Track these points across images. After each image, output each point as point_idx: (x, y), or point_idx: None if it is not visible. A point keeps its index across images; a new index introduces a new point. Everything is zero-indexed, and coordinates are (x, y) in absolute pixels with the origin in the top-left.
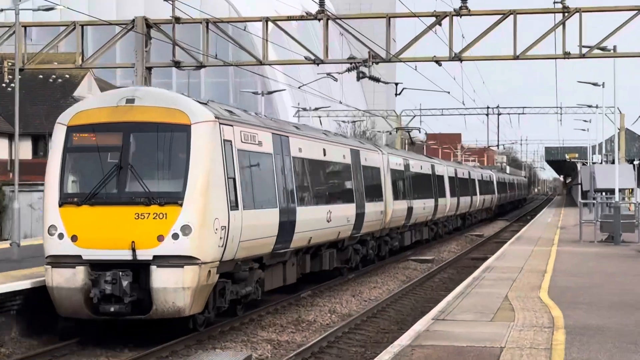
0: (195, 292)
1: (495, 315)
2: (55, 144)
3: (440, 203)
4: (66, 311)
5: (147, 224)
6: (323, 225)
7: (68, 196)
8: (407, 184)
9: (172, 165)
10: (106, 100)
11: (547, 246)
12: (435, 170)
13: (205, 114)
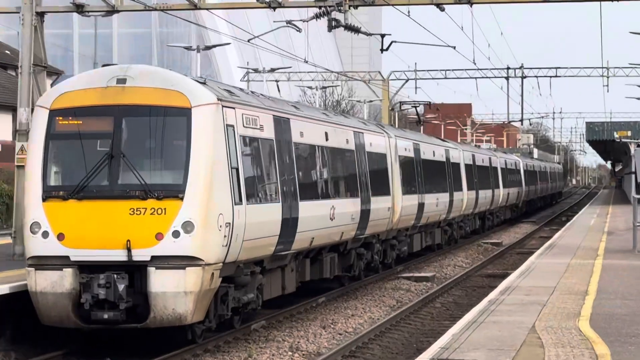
0: (197, 297)
1: (518, 353)
2: (35, 130)
3: (456, 198)
4: (51, 319)
5: (143, 220)
6: (326, 223)
7: (52, 189)
8: (417, 174)
9: (171, 154)
10: (94, 81)
11: (589, 258)
12: (450, 156)
13: (207, 96)
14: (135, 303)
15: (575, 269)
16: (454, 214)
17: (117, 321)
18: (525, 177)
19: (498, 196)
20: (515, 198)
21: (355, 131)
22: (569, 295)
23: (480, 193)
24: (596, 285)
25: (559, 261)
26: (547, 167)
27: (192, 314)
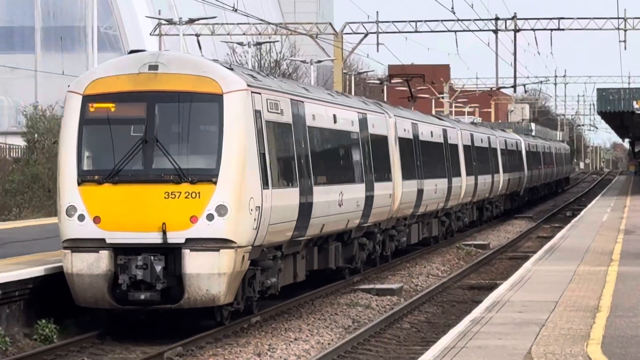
0: (230, 278)
1: None
2: (69, 115)
3: (454, 184)
4: (86, 300)
5: (178, 203)
6: (335, 210)
7: (87, 173)
8: (416, 158)
9: (204, 139)
10: (125, 67)
11: (601, 265)
12: (448, 137)
13: (238, 82)
14: (169, 285)
15: (584, 278)
16: (452, 203)
17: (153, 302)
18: (527, 159)
19: (498, 182)
20: (516, 185)
21: (359, 112)
22: (575, 312)
23: (479, 179)
24: (610, 299)
25: (562, 268)
26: (552, 147)
27: (225, 295)
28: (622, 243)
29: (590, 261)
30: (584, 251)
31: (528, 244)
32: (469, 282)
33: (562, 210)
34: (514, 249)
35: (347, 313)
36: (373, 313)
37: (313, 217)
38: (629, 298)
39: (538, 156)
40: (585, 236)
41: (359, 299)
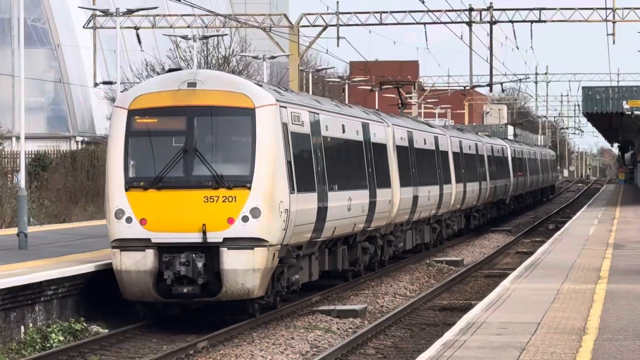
0: (263, 274)
1: None
2: (115, 128)
3: (445, 192)
4: (134, 295)
5: (216, 207)
6: (345, 214)
7: (133, 180)
8: (412, 165)
9: (238, 149)
10: (166, 84)
11: (588, 282)
12: (439, 144)
13: (268, 98)
14: (208, 279)
15: (568, 297)
16: (442, 210)
17: (194, 295)
18: (513, 166)
19: (485, 190)
20: (502, 192)
21: (363, 122)
22: (560, 334)
23: (468, 186)
24: (598, 320)
25: (544, 286)
26: (538, 153)
27: (258, 289)
28: (611, 258)
29: (576, 278)
30: (568, 267)
31: (506, 260)
32: (441, 302)
33: (544, 223)
34: (491, 265)
35: (304, 337)
36: (334, 337)
37: (327, 221)
38: (618, 319)
39: (524, 163)
40: (570, 251)
41: (317, 322)
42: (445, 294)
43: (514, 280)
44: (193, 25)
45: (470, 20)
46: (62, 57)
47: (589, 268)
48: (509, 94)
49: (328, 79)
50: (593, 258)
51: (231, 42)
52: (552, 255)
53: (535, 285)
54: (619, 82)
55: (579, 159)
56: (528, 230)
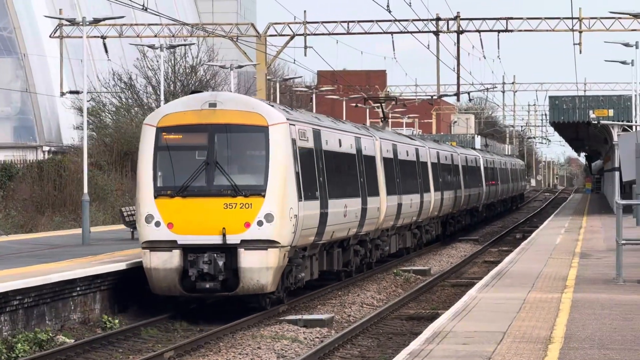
0: (275, 271)
1: None
2: (145, 143)
3: (425, 199)
4: (161, 290)
5: (235, 213)
6: (341, 219)
7: (161, 189)
8: (396, 175)
9: (254, 162)
10: (190, 105)
11: (555, 292)
12: (420, 155)
13: (279, 116)
14: (227, 277)
15: (535, 306)
16: (423, 216)
17: (215, 290)
18: (485, 175)
19: (460, 198)
20: (475, 200)
21: (356, 136)
22: (526, 343)
23: (445, 194)
24: (564, 330)
25: (511, 295)
26: (508, 163)
27: (271, 285)
28: (578, 268)
29: (542, 288)
30: (535, 277)
31: (473, 270)
32: (408, 311)
33: (511, 232)
34: (458, 275)
35: (271, 347)
36: (300, 347)
37: (328, 225)
38: (584, 328)
39: (495, 172)
40: (537, 260)
41: (284, 331)
42: (412, 303)
43: (481, 289)
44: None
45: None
46: (29, 66)
47: (556, 277)
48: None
49: (295, 88)
50: (559, 267)
51: (198, 52)
52: (518, 265)
53: (502, 294)
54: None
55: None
56: (495, 239)
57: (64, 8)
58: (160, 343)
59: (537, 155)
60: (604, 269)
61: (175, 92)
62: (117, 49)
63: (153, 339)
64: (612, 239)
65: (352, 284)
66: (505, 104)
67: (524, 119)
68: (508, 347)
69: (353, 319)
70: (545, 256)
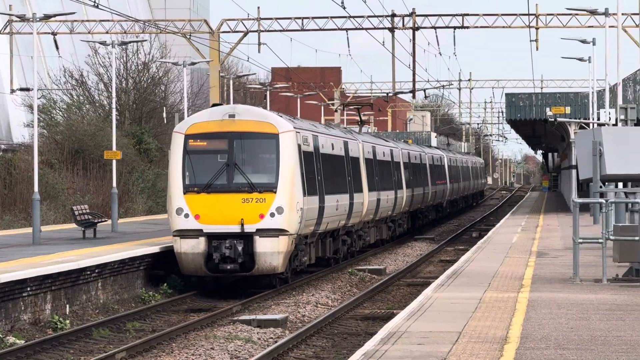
0: (285, 255)
1: None
2: (175, 148)
3: (399, 195)
4: (189, 271)
5: (251, 206)
6: (334, 213)
7: (190, 186)
8: (375, 174)
9: (266, 164)
10: (213, 115)
11: (511, 291)
12: (394, 156)
13: (288, 126)
14: (245, 260)
15: (491, 306)
16: (397, 211)
17: (235, 270)
18: (449, 173)
19: (427, 194)
20: (441, 196)
21: (344, 140)
22: (481, 343)
23: (415, 191)
24: (520, 329)
25: (466, 295)
26: (469, 161)
27: (282, 266)
28: (534, 267)
29: (499, 287)
30: (491, 276)
31: (429, 269)
32: (363, 311)
33: (468, 231)
34: (414, 274)
35: (224, 347)
36: (254, 347)
37: (324, 217)
38: (540, 328)
39: (458, 170)
40: (493, 259)
41: (238, 332)
42: (368, 303)
43: (436, 289)
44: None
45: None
46: None
47: (512, 276)
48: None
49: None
50: (516, 266)
51: (151, 48)
52: (475, 264)
53: (458, 294)
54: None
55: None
56: (451, 238)
57: (14, 4)
58: (111, 344)
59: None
60: (560, 268)
61: (127, 89)
62: (68, 46)
63: (104, 340)
64: (569, 238)
65: (307, 283)
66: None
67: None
68: (464, 347)
69: (307, 319)
70: (501, 255)
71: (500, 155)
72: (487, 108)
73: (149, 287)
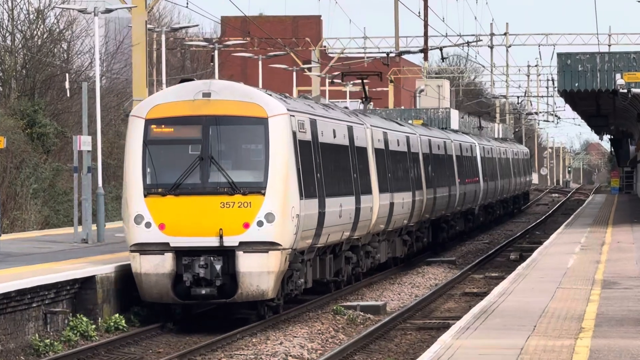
0: (277, 276)
1: None
2: (132, 136)
3: (417, 198)
4: (152, 296)
5: (232, 212)
6: (337, 221)
7: (151, 187)
8: (388, 169)
9: (253, 157)
10: (182, 94)
11: (565, 337)
12: (411, 145)
13: (279, 107)
14: (224, 282)
15: (537, 358)
16: (415, 219)
17: (212, 296)
18: (482, 169)
19: (454, 196)
20: (471, 200)
21: (348, 125)
22: None
23: (438, 192)
24: None
25: (502, 343)
26: (509, 152)
27: (272, 291)
28: (599, 302)
29: (548, 331)
30: (537, 315)
31: (448, 305)
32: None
33: (503, 251)
34: (425, 313)
35: None
36: None
37: (325, 226)
38: None
39: (494, 164)
40: (540, 291)
41: None
42: (360, 355)
43: (458, 334)
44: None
45: None
46: None
47: (567, 316)
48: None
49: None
50: (573, 301)
51: None
52: (513, 298)
53: (489, 341)
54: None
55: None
56: (480, 261)
57: None
58: None
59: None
60: (636, 304)
61: (13, 49)
62: None
63: None
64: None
65: (273, 327)
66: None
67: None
68: None
69: None
70: (552, 285)
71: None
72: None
73: (45, 332)
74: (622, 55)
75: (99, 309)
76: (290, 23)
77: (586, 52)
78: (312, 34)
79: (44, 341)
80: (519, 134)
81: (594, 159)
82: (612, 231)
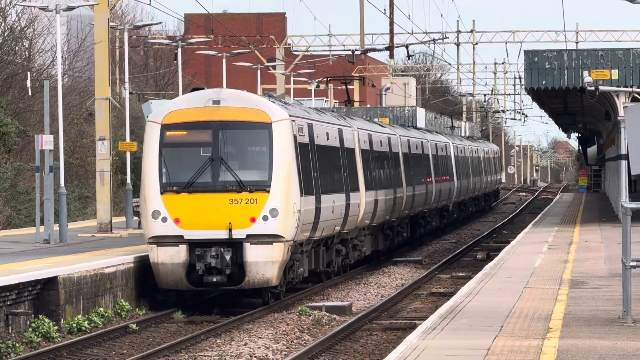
0: (280, 265)
1: None
2: (150, 140)
3: (398, 195)
4: (168, 284)
5: (240, 208)
6: (330, 216)
7: (167, 185)
8: (372, 168)
9: (258, 158)
10: (194, 102)
11: (533, 337)
12: (392, 145)
13: (282, 113)
14: (233, 271)
15: (503, 359)
16: (395, 215)
17: (222, 283)
18: (456, 167)
19: (431, 194)
20: (446, 197)
21: (339, 128)
22: None
23: (416, 189)
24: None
25: (468, 343)
26: (481, 150)
27: (276, 279)
28: (567, 302)
29: (515, 331)
30: (504, 315)
31: (414, 306)
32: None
33: (470, 250)
34: (392, 313)
35: None
36: None
37: (321, 221)
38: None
39: (467, 162)
40: (507, 291)
41: None
42: (326, 355)
43: (425, 334)
44: None
45: None
46: None
47: (534, 316)
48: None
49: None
50: (540, 301)
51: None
52: (480, 298)
53: (456, 341)
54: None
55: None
56: (447, 260)
57: None
58: None
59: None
60: (604, 304)
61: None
62: None
63: None
64: (617, 260)
65: (237, 327)
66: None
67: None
68: None
69: None
70: (519, 285)
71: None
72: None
73: (6, 334)
74: (590, 53)
75: (62, 310)
76: (255, 20)
77: (553, 50)
78: (276, 32)
79: (5, 343)
80: (486, 132)
81: (561, 157)
82: (580, 230)
